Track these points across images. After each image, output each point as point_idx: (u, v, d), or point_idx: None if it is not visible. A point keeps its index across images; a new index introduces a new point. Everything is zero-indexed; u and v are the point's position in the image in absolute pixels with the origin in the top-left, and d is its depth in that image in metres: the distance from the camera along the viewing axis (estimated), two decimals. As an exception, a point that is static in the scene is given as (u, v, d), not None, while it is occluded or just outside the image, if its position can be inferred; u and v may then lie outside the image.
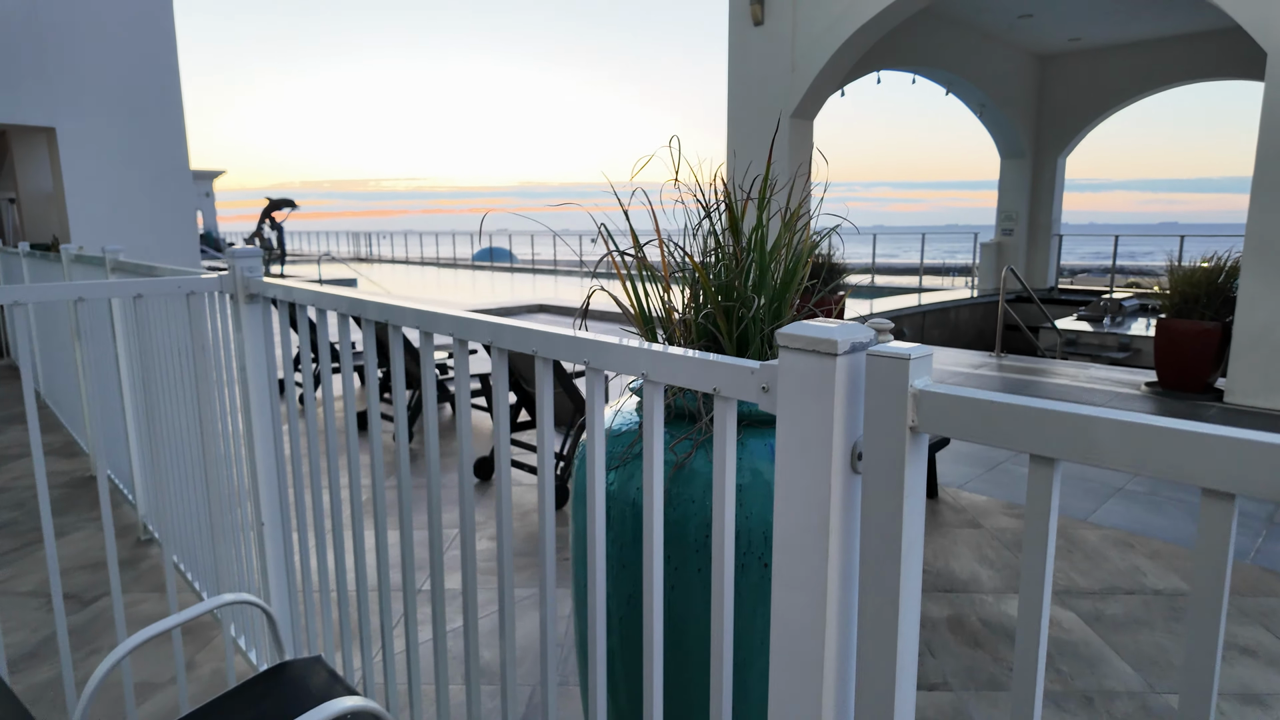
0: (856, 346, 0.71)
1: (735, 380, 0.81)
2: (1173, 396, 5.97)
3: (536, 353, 1.08)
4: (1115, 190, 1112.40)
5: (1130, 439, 0.58)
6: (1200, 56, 11.79)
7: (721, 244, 1.20)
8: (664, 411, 1.22)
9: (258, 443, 2.02)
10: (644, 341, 0.90)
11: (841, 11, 7.64)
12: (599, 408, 1.00)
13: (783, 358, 0.74)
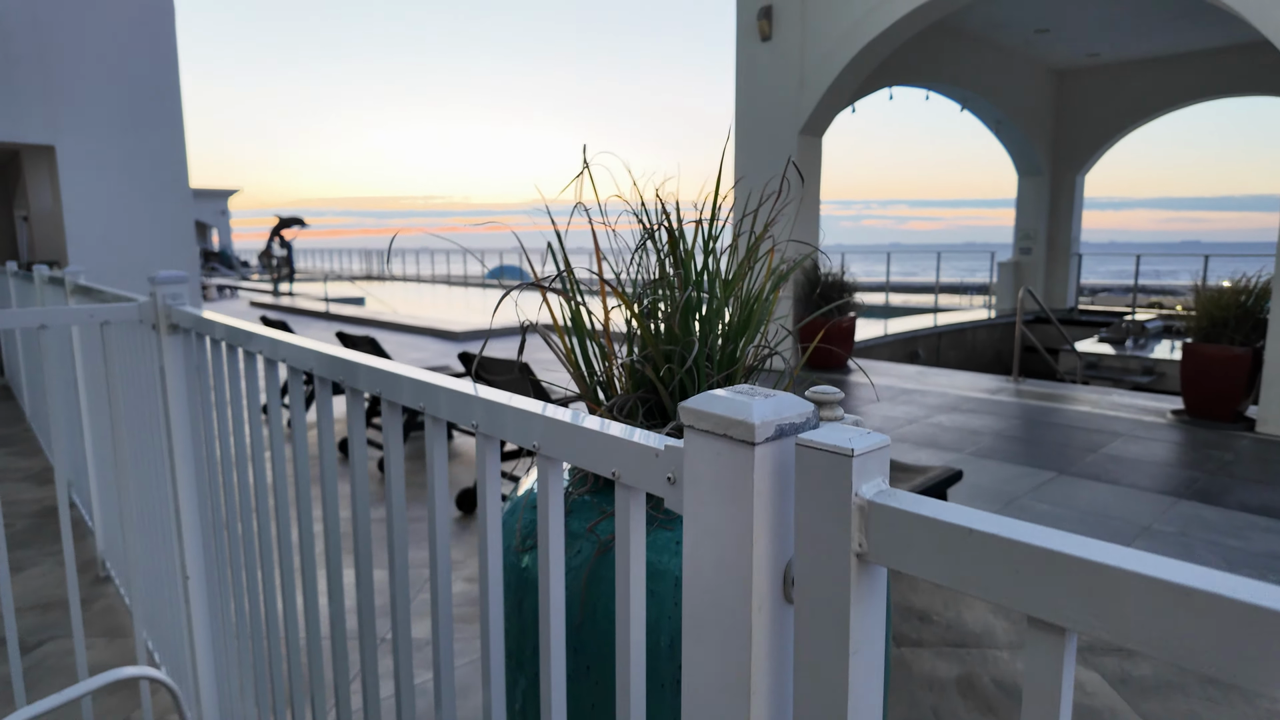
0: (784, 430, 0.49)
1: (637, 464, 0.60)
2: (1200, 425, 5.66)
3: (425, 409, 0.87)
4: (1136, 208, 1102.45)
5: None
6: (1223, 72, 11.50)
7: (666, 273, 0.99)
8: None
9: (181, 488, 1.81)
10: (546, 407, 0.69)
11: (851, 26, 7.46)
12: (490, 480, 0.79)
13: (689, 441, 0.53)
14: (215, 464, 1.64)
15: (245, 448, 1.46)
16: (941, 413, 6.27)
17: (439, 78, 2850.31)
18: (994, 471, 4.70)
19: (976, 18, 10.04)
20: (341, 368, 1.04)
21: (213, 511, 1.72)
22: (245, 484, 1.57)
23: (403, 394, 0.93)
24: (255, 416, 1.39)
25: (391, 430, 1.01)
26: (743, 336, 1.00)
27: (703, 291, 1.00)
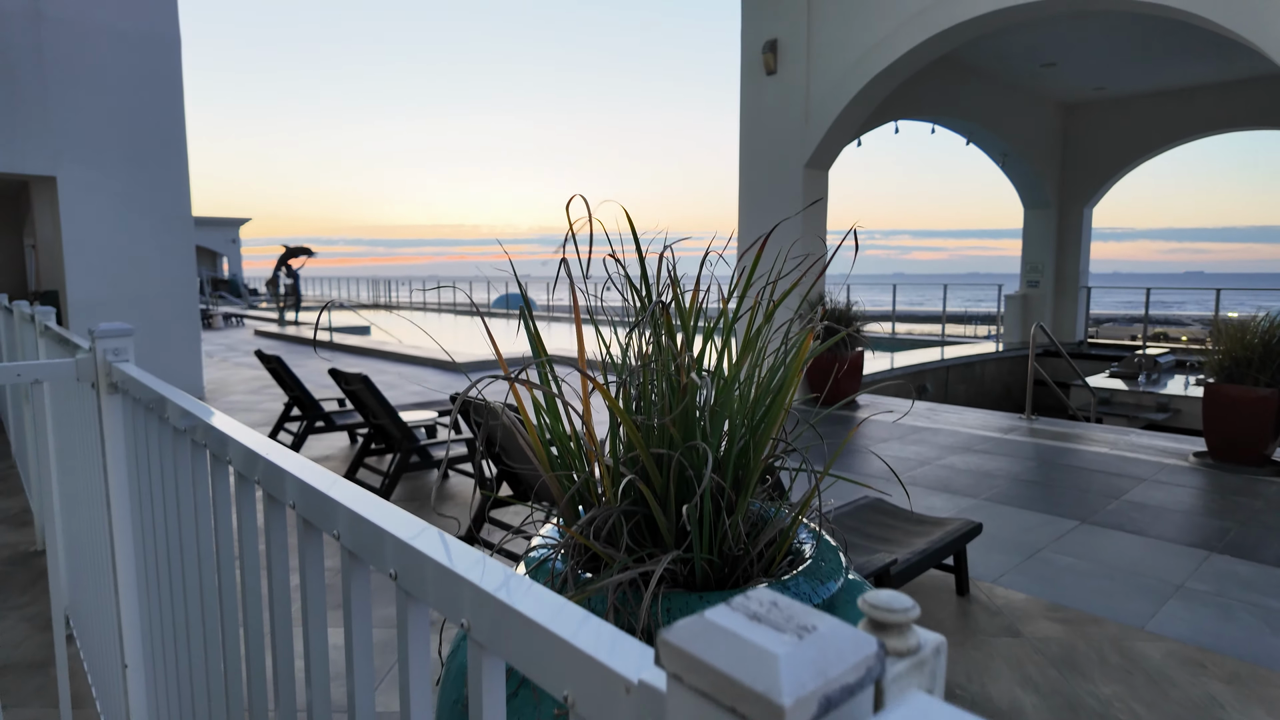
0: (832, 700, 0.31)
1: (599, 695, 0.41)
2: (1226, 470, 5.44)
3: (339, 536, 0.69)
4: (1139, 239, 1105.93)
5: None
6: (1230, 106, 11.42)
7: (664, 355, 0.82)
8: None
9: (121, 572, 1.62)
10: (487, 561, 0.52)
11: (855, 61, 7.38)
12: (415, 650, 0.60)
13: (673, 698, 0.34)
14: (160, 549, 1.45)
15: (194, 538, 1.26)
16: (954, 453, 6.05)
17: (450, 106, 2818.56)
18: (1012, 520, 4.48)
19: (982, 52, 9.99)
20: (273, 474, 0.85)
21: (157, 601, 1.53)
22: (193, 580, 1.38)
23: (311, 508, 0.75)
24: (203, 506, 1.20)
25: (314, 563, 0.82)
26: (758, 431, 0.83)
27: (704, 375, 0.82)
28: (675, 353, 0.78)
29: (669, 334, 0.81)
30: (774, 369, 0.87)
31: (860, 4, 7.34)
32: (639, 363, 0.82)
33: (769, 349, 0.95)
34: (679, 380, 0.76)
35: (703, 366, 0.85)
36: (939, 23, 6.73)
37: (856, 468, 5.68)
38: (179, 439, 1.20)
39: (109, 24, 8.25)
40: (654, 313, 0.79)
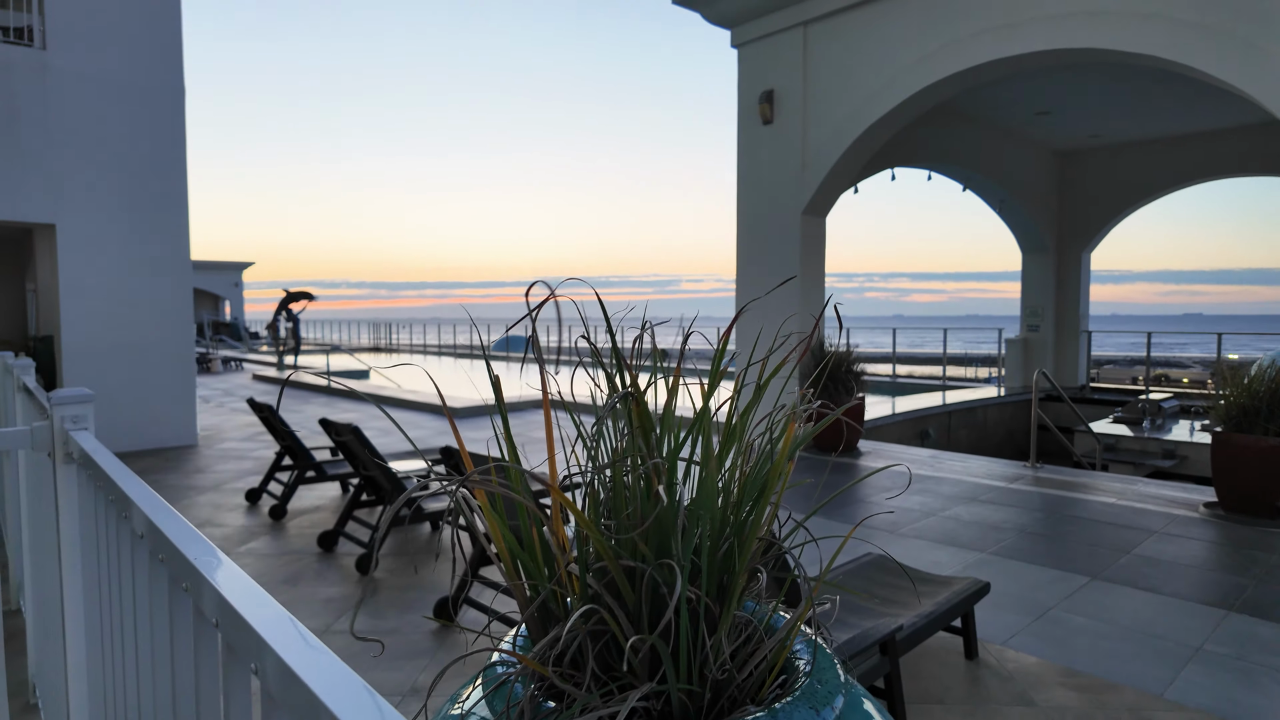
0: None
1: None
2: (1238, 522, 5.30)
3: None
4: (1136, 281, 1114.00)
5: None
6: (1224, 153, 11.53)
7: (636, 451, 0.74)
8: None
9: (71, 668, 1.51)
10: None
11: (851, 111, 7.45)
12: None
13: None
14: (112, 649, 1.34)
15: (149, 663, 1.12)
16: (959, 503, 5.92)
17: (451, 148, 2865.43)
18: (1020, 576, 4.33)
19: (977, 101, 10.12)
20: (235, 624, 0.75)
21: (107, 706, 1.42)
22: (148, 687, 1.26)
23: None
24: (159, 628, 1.09)
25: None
26: (743, 531, 0.74)
27: (675, 482, 0.73)
28: (645, 452, 0.70)
29: (643, 429, 0.73)
30: (760, 459, 0.79)
31: (855, 56, 7.44)
32: (607, 461, 0.74)
33: (758, 430, 0.87)
34: (651, 484, 0.68)
35: (680, 458, 0.77)
36: (932, 74, 6.80)
37: (859, 519, 5.54)
38: (125, 527, 1.11)
39: (115, 76, 8.37)
40: (622, 404, 0.72)
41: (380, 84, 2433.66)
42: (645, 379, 0.86)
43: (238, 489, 6.64)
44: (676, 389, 0.81)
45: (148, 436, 8.68)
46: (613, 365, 0.79)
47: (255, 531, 5.35)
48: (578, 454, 0.83)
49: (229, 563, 0.69)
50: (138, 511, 0.91)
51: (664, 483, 0.71)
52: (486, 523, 0.75)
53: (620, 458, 0.74)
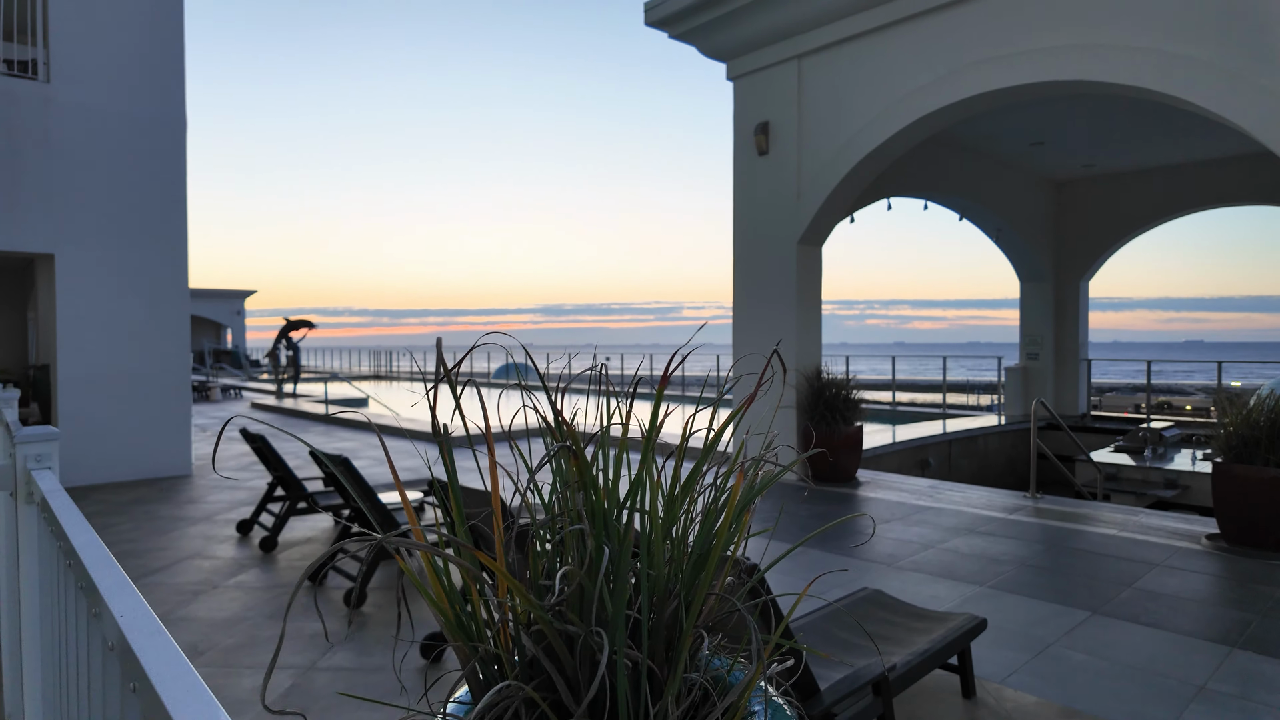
0: None
1: None
2: (1241, 555, 5.22)
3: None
4: (1137, 309, 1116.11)
5: None
6: (1219, 182, 11.59)
7: (568, 509, 0.71)
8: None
9: (27, 699, 1.47)
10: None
11: (845, 143, 7.51)
12: None
13: None
14: (67, 698, 1.29)
15: (100, 699, 1.10)
16: (958, 535, 5.84)
17: (455, 178, 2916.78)
18: (1019, 610, 4.26)
19: (971, 131, 10.20)
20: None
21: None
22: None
23: None
24: (94, 667, 1.06)
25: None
26: (690, 591, 0.70)
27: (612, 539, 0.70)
28: (581, 508, 0.67)
29: (587, 483, 0.70)
30: (709, 514, 0.75)
31: (848, 89, 7.52)
32: (548, 518, 0.71)
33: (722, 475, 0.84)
34: (587, 542, 0.65)
35: (629, 508, 0.74)
36: (924, 106, 6.87)
37: (858, 552, 5.47)
38: (70, 576, 1.08)
39: (117, 109, 8.46)
40: (561, 457, 0.69)
41: (386, 114, 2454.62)
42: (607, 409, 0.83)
43: (230, 520, 6.58)
44: (625, 438, 0.78)
45: (142, 466, 8.62)
46: (555, 416, 0.76)
47: (245, 564, 5.29)
48: (530, 499, 0.80)
49: (151, 626, 0.66)
50: (77, 562, 0.88)
51: (594, 544, 0.68)
52: (429, 572, 0.72)
53: (553, 516, 0.71)
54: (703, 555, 0.70)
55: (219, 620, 4.23)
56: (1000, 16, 6.42)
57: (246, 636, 4.00)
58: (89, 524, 1.05)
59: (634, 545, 0.71)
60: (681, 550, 0.73)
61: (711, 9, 8.05)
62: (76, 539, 0.95)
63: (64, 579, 1.09)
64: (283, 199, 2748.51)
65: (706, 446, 0.83)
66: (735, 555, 0.74)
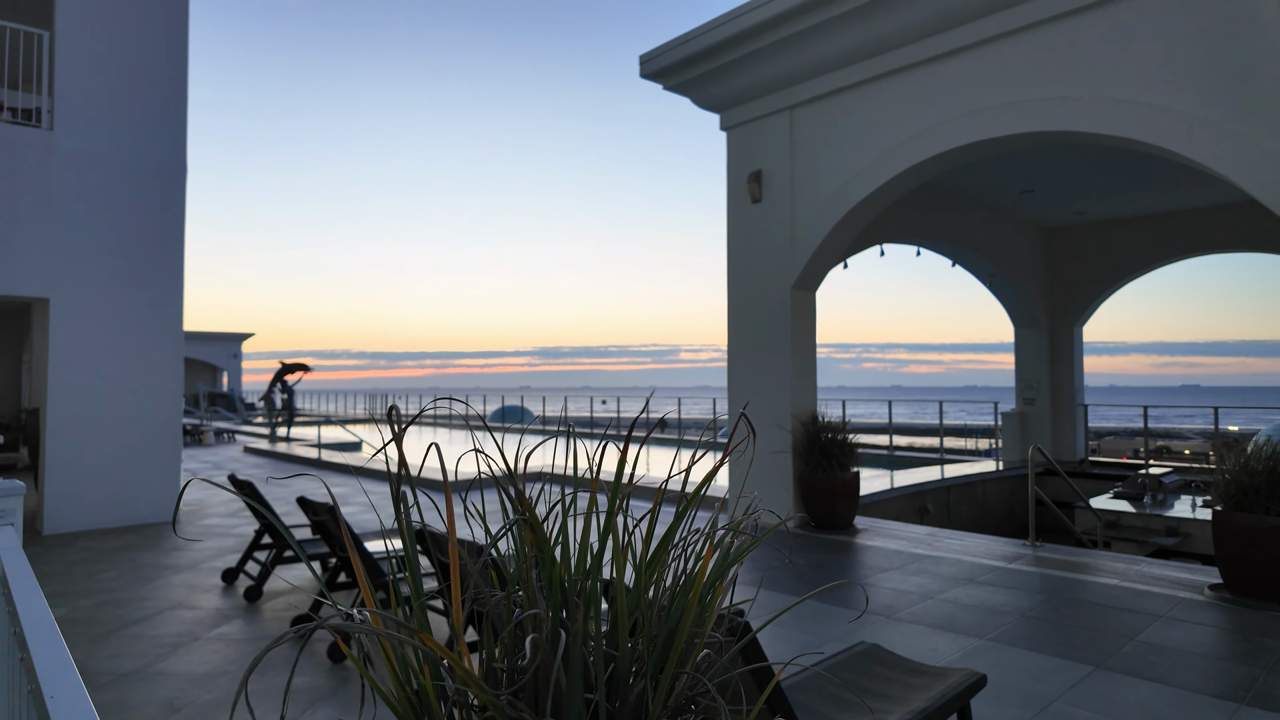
0: None
1: None
2: (1245, 606, 5.12)
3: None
4: (1133, 353, 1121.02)
5: None
6: (1209, 230, 11.74)
7: (526, 584, 0.67)
8: None
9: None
10: None
11: (836, 191, 7.61)
12: None
13: None
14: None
15: None
16: (957, 585, 5.74)
17: (454, 223, 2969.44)
18: (1020, 664, 4.15)
19: (962, 179, 10.36)
20: None
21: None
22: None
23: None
24: None
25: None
26: (660, 673, 0.66)
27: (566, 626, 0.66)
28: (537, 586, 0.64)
29: (536, 542, 0.67)
30: (679, 588, 0.72)
31: (839, 139, 7.65)
32: (504, 595, 0.68)
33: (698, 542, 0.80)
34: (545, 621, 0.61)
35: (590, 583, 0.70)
36: (913, 155, 6.97)
37: (855, 602, 5.36)
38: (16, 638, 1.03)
39: (118, 156, 8.57)
40: (518, 530, 0.65)
41: (387, 160, 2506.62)
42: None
43: (215, 568, 6.45)
44: (594, 499, 0.75)
45: (129, 512, 8.50)
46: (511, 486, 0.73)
47: (228, 614, 5.16)
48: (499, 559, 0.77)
49: (82, 712, 0.62)
50: (20, 631, 0.84)
51: (549, 627, 0.64)
52: (384, 649, 0.68)
53: (511, 593, 0.68)
54: (673, 632, 0.67)
55: (198, 674, 4.10)
56: (986, 69, 6.56)
57: (225, 692, 3.88)
58: (39, 589, 1.01)
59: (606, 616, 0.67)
60: (650, 624, 0.69)
61: (704, 63, 8.24)
62: (23, 605, 0.91)
63: (9, 645, 1.04)
64: (284, 242, 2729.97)
65: (679, 514, 0.80)
66: (706, 633, 0.70)
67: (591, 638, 0.59)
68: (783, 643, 4.49)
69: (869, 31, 7.10)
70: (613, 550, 0.70)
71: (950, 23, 6.67)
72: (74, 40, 8.32)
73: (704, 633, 0.67)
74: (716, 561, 0.78)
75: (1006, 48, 6.44)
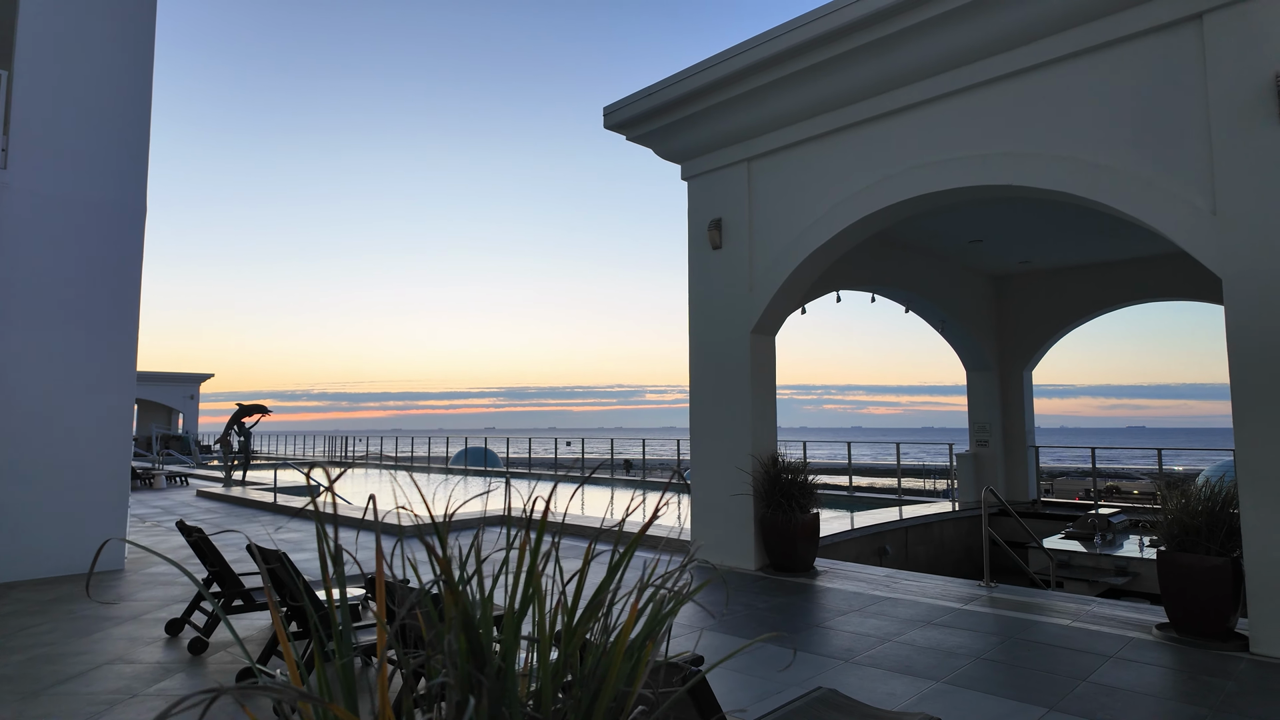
0: None
1: None
2: (1191, 645, 5.26)
3: None
4: (1081, 395, 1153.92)
5: None
6: (1149, 279, 12.28)
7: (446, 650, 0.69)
8: None
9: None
10: None
11: (794, 239, 7.83)
12: None
13: None
14: None
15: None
16: (915, 627, 5.79)
17: (418, 265, 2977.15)
18: (976, 708, 4.19)
19: (914, 229, 10.73)
20: None
21: None
22: None
23: None
24: None
25: None
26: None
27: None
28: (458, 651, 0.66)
29: (450, 599, 0.69)
30: (600, 652, 0.74)
31: (795, 189, 7.90)
32: (421, 659, 0.70)
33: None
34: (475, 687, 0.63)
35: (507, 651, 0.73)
36: (866, 206, 7.23)
37: (814, 645, 5.37)
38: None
39: (75, 196, 8.45)
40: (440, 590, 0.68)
41: (350, 202, 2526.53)
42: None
43: (159, 619, 6.21)
44: (519, 585, 0.78)
45: (71, 561, 8.16)
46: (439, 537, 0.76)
47: (171, 668, 4.97)
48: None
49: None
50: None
51: (459, 695, 0.67)
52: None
53: (428, 658, 0.70)
54: (594, 698, 0.69)
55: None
56: (934, 126, 6.87)
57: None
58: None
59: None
60: (580, 682, 0.72)
61: (665, 116, 8.48)
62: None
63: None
64: (245, 282, 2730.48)
65: (611, 568, 0.83)
66: (637, 689, 0.72)
67: (506, 702, 0.61)
68: (742, 689, 4.47)
69: (822, 89, 7.40)
70: (536, 609, 0.72)
71: (899, 82, 6.99)
72: (33, 80, 8.24)
73: (635, 690, 0.69)
74: (650, 616, 0.81)
75: (953, 106, 6.76)
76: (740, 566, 8.11)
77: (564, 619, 0.77)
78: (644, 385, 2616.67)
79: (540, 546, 0.74)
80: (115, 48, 8.83)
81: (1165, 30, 5.65)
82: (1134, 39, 5.78)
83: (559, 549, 0.82)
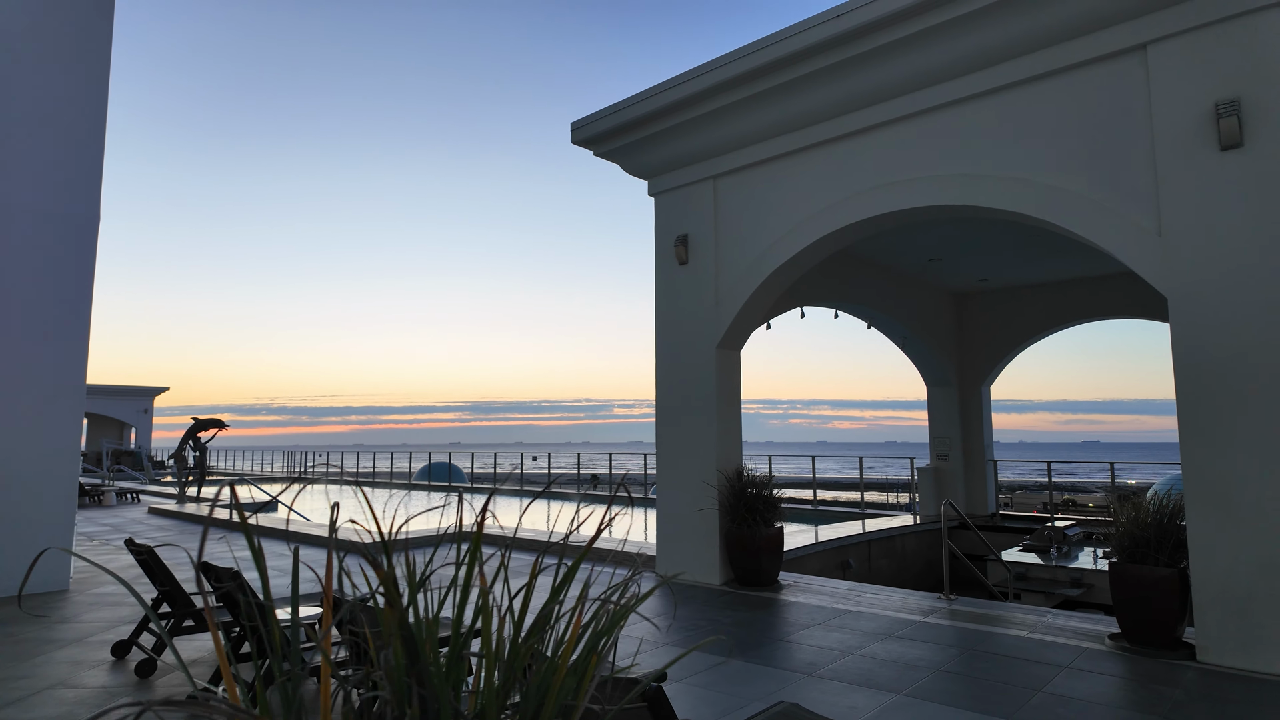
0: None
1: None
2: (1141, 654, 5.39)
3: None
4: (1039, 411, 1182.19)
5: None
6: (1103, 298, 12.65)
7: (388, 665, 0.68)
8: None
9: None
10: None
11: (758, 255, 7.93)
12: None
13: None
14: None
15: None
16: (876, 640, 5.85)
17: (381, 278, 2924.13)
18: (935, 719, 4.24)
19: (875, 247, 10.93)
20: None
21: None
22: None
23: None
24: None
25: None
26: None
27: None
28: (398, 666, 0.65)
29: (404, 637, 0.69)
30: (544, 668, 0.74)
31: (760, 206, 8.01)
32: (359, 674, 0.69)
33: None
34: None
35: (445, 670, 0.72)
36: (829, 224, 7.36)
37: (778, 659, 5.39)
38: None
39: (30, 204, 8.21)
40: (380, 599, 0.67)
41: (311, 216, 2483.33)
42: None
43: (105, 641, 6.00)
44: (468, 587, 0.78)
45: (13, 582, 7.84)
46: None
47: (116, 693, 4.79)
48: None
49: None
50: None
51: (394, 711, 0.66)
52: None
53: (368, 673, 0.69)
54: (536, 714, 0.69)
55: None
56: (894, 147, 7.03)
57: (108, 779, 3.58)
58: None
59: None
60: (528, 699, 0.72)
61: (632, 133, 8.55)
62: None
63: None
64: (204, 295, 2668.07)
65: (554, 590, 0.83)
66: (582, 705, 0.72)
67: (444, 717, 0.61)
68: (704, 704, 4.47)
69: (785, 110, 7.53)
70: (484, 624, 0.72)
71: (861, 104, 7.15)
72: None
73: (580, 704, 0.69)
74: (594, 630, 0.81)
75: (913, 128, 6.93)
76: (705, 581, 8.11)
77: (510, 634, 0.76)
78: (612, 399, 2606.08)
79: (475, 561, 0.74)
80: (70, 57, 8.64)
81: (1113, 59, 5.87)
82: (1085, 66, 6.00)
83: (508, 566, 0.81)
